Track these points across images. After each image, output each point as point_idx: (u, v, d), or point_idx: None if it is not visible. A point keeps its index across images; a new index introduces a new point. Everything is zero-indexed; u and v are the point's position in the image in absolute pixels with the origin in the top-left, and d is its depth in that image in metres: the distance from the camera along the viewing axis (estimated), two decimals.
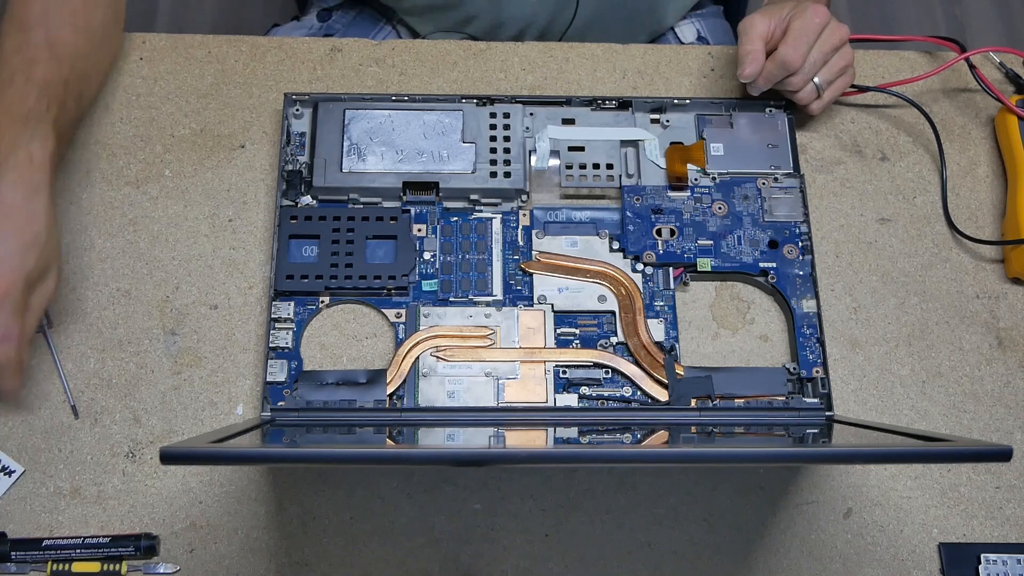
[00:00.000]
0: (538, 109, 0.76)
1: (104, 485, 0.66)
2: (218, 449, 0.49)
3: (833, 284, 0.74)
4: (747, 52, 0.72)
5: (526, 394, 0.68)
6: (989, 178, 0.78)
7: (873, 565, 0.66)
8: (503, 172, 0.73)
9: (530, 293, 0.71)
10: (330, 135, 0.74)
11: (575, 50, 0.81)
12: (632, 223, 0.73)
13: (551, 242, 0.72)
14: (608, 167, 0.75)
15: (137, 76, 0.78)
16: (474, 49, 0.81)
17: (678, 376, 0.68)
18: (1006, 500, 0.68)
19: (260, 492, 0.66)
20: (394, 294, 0.70)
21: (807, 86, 0.74)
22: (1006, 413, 0.71)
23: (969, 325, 0.73)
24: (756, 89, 0.75)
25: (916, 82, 0.78)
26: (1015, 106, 0.77)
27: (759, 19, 0.73)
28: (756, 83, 0.74)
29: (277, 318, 0.69)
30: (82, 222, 0.73)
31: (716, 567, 0.66)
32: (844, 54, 0.74)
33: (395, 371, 0.68)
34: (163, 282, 0.71)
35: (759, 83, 0.74)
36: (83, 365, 0.69)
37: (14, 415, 0.67)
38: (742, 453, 0.52)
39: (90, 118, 0.76)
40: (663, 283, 0.72)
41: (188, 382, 0.68)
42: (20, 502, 0.65)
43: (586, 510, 0.67)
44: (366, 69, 0.79)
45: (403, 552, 0.65)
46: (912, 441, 0.54)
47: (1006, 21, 1.73)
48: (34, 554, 0.63)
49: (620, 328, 0.70)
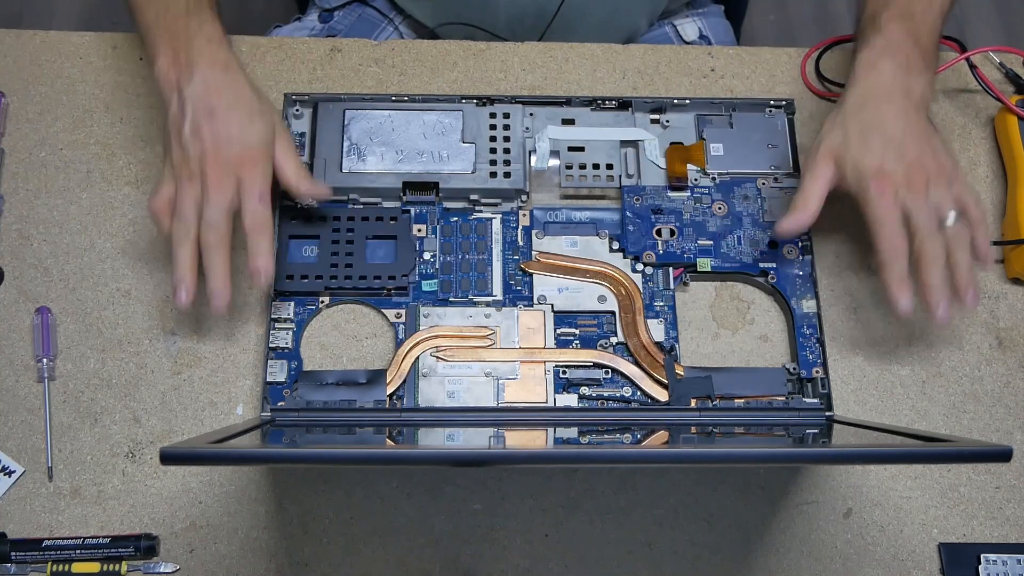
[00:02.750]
0: (538, 109, 0.76)
1: (104, 485, 0.66)
2: (218, 449, 0.49)
3: (833, 284, 0.74)
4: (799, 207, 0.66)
5: (526, 394, 0.68)
6: (989, 178, 0.78)
7: (873, 565, 0.66)
8: (503, 172, 0.73)
9: (530, 293, 0.71)
10: (330, 135, 0.74)
11: (575, 50, 0.81)
12: (632, 223, 0.73)
13: (551, 242, 0.72)
14: (608, 167, 0.75)
15: (137, 76, 0.78)
16: (474, 49, 0.81)
17: (678, 376, 0.68)
18: (1006, 500, 0.68)
19: (260, 492, 0.66)
20: (394, 294, 0.70)
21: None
22: (1006, 413, 0.71)
23: (969, 325, 0.73)
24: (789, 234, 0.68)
25: None
26: (1015, 106, 0.77)
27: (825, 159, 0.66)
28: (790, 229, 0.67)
29: (277, 318, 0.69)
30: (82, 222, 0.73)
31: (716, 567, 0.66)
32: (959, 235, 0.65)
33: (395, 371, 0.68)
34: (163, 282, 0.71)
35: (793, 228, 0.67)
36: (83, 365, 0.69)
37: (13, 415, 0.67)
38: (742, 453, 0.52)
39: (90, 118, 0.76)
40: (663, 283, 0.72)
41: (188, 382, 0.69)
42: (20, 502, 0.65)
43: (586, 510, 0.67)
44: (366, 69, 0.79)
45: (403, 552, 0.65)
46: (912, 441, 0.54)
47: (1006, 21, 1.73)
48: (34, 554, 0.63)
49: (620, 328, 0.70)
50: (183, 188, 0.64)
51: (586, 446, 0.61)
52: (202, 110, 0.64)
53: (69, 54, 0.78)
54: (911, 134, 0.66)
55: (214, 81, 0.65)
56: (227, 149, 0.63)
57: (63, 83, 0.77)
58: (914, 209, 0.64)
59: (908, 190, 0.64)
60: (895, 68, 0.68)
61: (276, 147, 0.66)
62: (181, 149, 0.64)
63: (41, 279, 0.71)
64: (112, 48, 0.79)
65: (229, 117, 0.64)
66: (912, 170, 0.64)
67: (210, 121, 0.64)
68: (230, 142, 0.64)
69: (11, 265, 0.71)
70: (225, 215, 0.63)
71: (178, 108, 0.65)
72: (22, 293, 0.70)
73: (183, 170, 0.64)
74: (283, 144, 0.66)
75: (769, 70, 0.81)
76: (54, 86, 0.77)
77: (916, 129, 0.66)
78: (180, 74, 0.65)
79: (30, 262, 0.71)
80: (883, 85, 0.67)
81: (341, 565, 0.65)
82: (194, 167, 0.63)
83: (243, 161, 0.63)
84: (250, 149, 0.64)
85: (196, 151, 0.63)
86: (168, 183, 0.65)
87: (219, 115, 0.64)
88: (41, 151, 0.75)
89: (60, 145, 0.75)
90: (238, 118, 0.64)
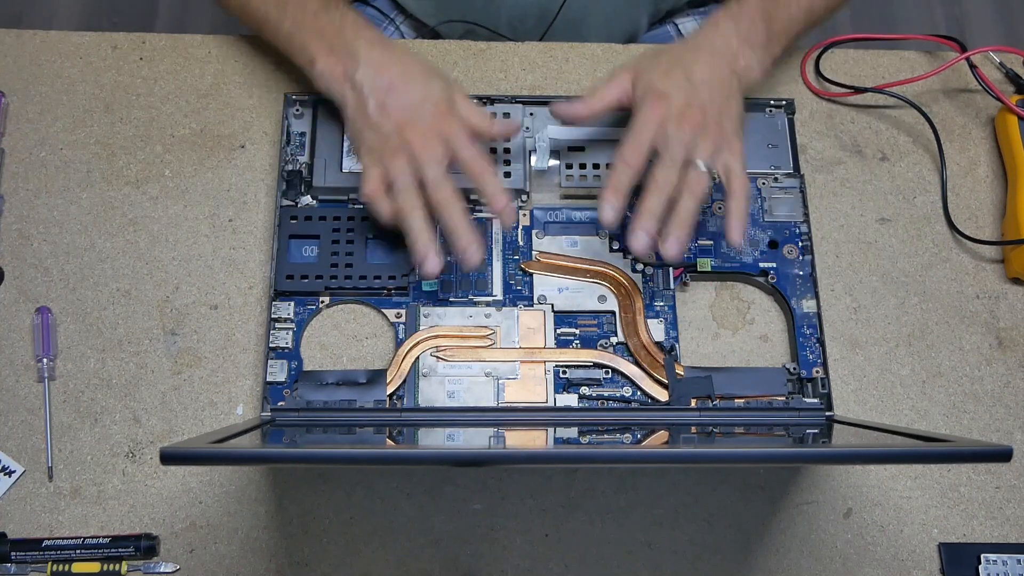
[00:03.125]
0: (538, 109, 0.76)
1: (104, 485, 0.66)
2: (218, 449, 0.49)
3: (833, 284, 0.74)
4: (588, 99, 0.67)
5: (526, 394, 0.68)
6: (989, 178, 0.78)
7: (873, 565, 0.66)
8: (503, 172, 0.73)
9: (530, 293, 0.71)
10: (330, 135, 0.74)
11: (575, 50, 0.81)
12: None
13: (551, 242, 0.72)
14: (608, 167, 0.75)
15: (137, 76, 0.78)
16: (474, 49, 0.81)
17: (678, 376, 0.68)
18: (1006, 500, 0.68)
19: (260, 492, 0.66)
20: (394, 294, 0.70)
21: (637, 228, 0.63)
22: (1006, 413, 0.71)
23: (969, 325, 0.73)
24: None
25: (916, 82, 0.78)
26: (1015, 106, 0.77)
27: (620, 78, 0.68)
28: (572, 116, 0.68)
29: (277, 318, 0.69)
30: (82, 222, 0.73)
31: (716, 567, 0.66)
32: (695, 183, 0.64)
33: (395, 371, 0.68)
34: (163, 282, 0.71)
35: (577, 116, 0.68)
36: (83, 365, 0.69)
37: (13, 415, 0.67)
38: (742, 453, 0.52)
39: (90, 118, 0.76)
40: (663, 283, 0.72)
41: (188, 382, 0.69)
42: (20, 502, 0.65)
43: (586, 510, 0.67)
44: None
45: (403, 552, 0.65)
46: (912, 441, 0.54)
47: (1006, 21, 1.73)
48: (34, 554, 0.63)
49: (620, 328, 0.70)
50: (393, 164, 0.64)
51: (586, 446, 0.61)
52: (381, 88, 0.66)
53: (69, 54, 0.78)
54: (711, 86, 0.66)
55: (379, 59, 0.67)
56: (419, 112, 0.65)
57: (63, 83, 0.77)
58: (671, 139, 0.64)
59: (677, 123, 0.64)
60: (733, 32, 0.69)
61: (456, 100, 0.67)
62: (374, 130, 0.65)
63: (41, 279, 0.71)
64: (112, 48, 0.79)
65: (408, 85, 0.66)
66: (691, 109, 0.65)
67: (392, 95, 0.65)
68: (420, 105, 0.65)
69: (11, 265, 0.71)
70: (445, 171, 0.64)
71: (355, 96, 0.66)
72: (22, 293, 0.70)
73: (385, 148, 0.65)
74: (460, 97, 0.67)
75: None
76: (54, 86, 0.77)
77: (719, 85, 0.67)
78: (345, 65, 0.67)
79: (30, 262, 0.71)
80: (713, 40, 0.69)
81: (341, 565, 0.65)
82: (394, 141, 0.64)
83: (438, 117, 0.65)
84: (439, 105, 0.65)
85: (390, 126, 0.65)
86: (374, 167, 0.65)
87: (398, 87, 0.66)
88: (41, 151, 0.75)
89: (60, 145, 0.75)
90: (416, 83, 0.66)
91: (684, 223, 0.63)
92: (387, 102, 0.65)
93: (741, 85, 0.68)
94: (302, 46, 0.69)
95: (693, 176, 0.64)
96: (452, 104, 0.66)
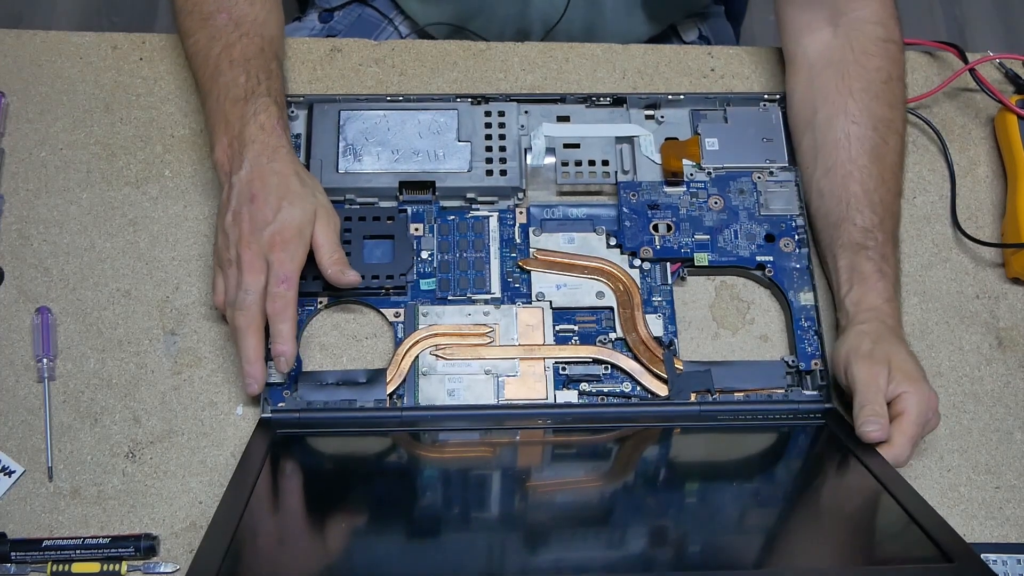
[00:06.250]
0: (533, 107, 0.76)
1: (104, 485, 0.66)
2: None
3: None
4: (872, 414, 0.63)
5: (526, 391, 0.68)
6: (989, 178, 0.78)
7: None
8: (499, 170, 0.73)
9: (528, 290, 0.71)
10: (325, 136, 0.74)
11: (575, 50, 0.81)
12: (628, 219, 0.73)
13: (548, 239, 0.72)
14: (604, 164, 0.75)
15: (137, 76, 0.78)
16: (474, 49, 0.81)
17: (677, 371, 0.68)
18: (1006, 500, 0.68)
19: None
20: (392, 293, 0.70)
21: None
22: (1006, 413, 0.70)
23: (969, 325, 0.73)
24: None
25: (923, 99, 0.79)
26: (1015, 106, 0.77)
27: (875, 371, 0.64)
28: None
29: None
30: (82, 222, 0.73)
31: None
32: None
33: (395, 370, 0.68)
34: (163, 282, 0.71)
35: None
36: (83, 365, 0.69)
37: (13, 415, 0.67)
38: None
39: (90, 118, 0.76)
40: (660, 278, 0.72)
41: (188, 382, 0.69)
42: (20, 502, 0.65)
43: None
44: (366, 69, 0.79)
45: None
46: None
47: (1006, 22, 1.73)
48: (34, 554, 0.63)
49: (619, 324, 0.70)
50: (226, 274, 0.65)
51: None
52: (244, 197, 0.65)
53: (69, 54, 0.79)
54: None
55: (258, 168, 0.65)
56: (260, 232, 0.64)
57: (63, 83, 0.77)
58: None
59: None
60: (895, 299, 0.69)
61: (315, 230, 0.65)
62: (224, 235, 0.66)
63: (41, 279, 0.71)
64: (112, 48, 0.79)
65: (266, 201, 0.64)
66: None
67: (249, 206, 0.65)
68: (264, 225, 0.64)
69: (11, 265, 0.71)
70: (258, 298, 0.63)
71: (225, 196, 0.66)
72: (22, 293, 0.70)
73: (224, 256, 0.65)
74: (322, 227, 0.66)
75: (769, 70, 0.81)
76: (54, 86, 0.77)
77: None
78: (232, 162, 0.67)
79: (30, 262, 0.71)
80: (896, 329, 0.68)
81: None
82: (232, 253, 0.64)
83: (273, 244, 0.64)
84: (282, 232, 0.64)
85: (234, 236, 0.65)
86: (216, 272, 0.67)
87: (258, 200, 0.64)
88: (41, 151, 0.75)
89: (60, 145, 0.75)
90: (275, 202, 0.64)
91: None
92: (242, 212, 0.64)
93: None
94: (212, 128, 0.69)
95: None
96: (300, 233, 0.64)
